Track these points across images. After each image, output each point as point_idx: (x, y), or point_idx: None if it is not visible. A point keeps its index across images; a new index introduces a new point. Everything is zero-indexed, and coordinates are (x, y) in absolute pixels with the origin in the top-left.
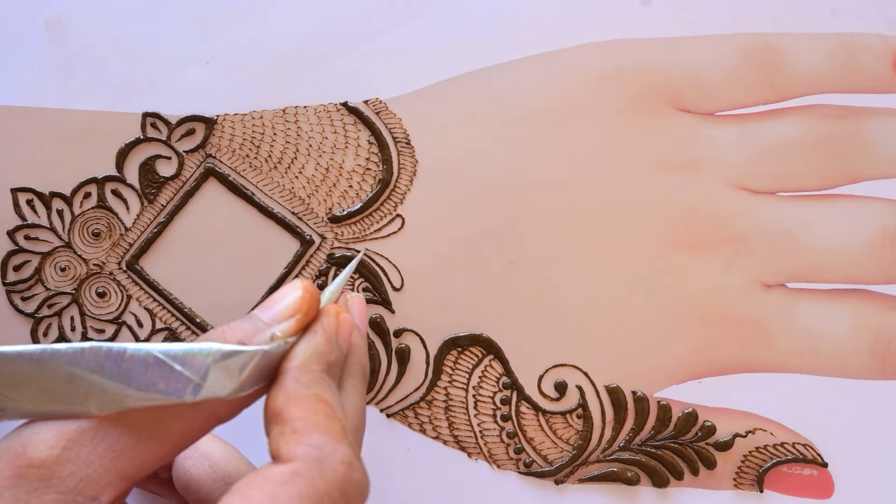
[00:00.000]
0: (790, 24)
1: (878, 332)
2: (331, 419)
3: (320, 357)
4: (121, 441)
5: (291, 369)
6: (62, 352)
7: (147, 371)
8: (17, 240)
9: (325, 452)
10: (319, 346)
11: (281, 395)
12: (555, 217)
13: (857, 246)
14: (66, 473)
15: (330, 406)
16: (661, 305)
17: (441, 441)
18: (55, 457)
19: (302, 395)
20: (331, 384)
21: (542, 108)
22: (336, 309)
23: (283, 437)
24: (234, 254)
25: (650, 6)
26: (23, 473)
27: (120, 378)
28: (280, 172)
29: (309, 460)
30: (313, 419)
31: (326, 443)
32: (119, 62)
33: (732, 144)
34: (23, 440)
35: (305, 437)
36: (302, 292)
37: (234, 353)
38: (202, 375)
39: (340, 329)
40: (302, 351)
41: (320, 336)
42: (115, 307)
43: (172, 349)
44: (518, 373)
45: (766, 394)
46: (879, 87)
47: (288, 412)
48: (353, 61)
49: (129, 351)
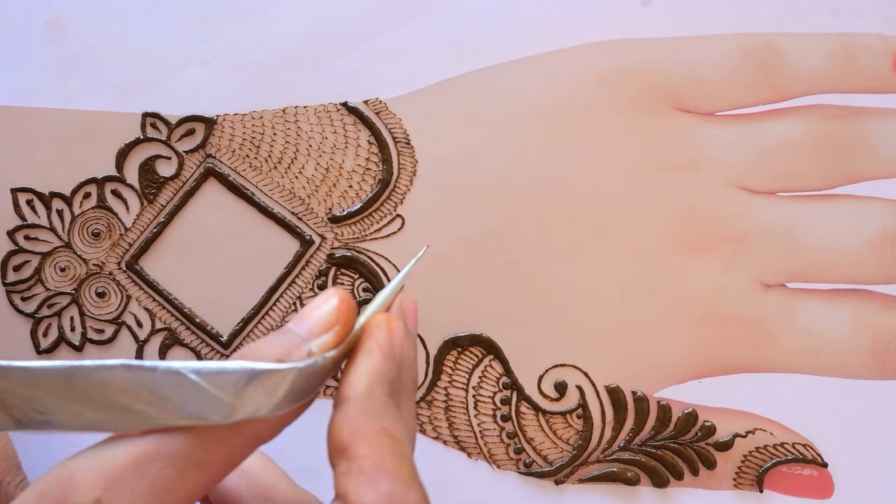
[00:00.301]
0: (790, 24)
1: (878, 332)
2: (399, 458)
3: (383, 379)
4: (164, 474)
5: (356, 398)
6: (90, 368)
7: (180, 390)
8: (17, 240)
9: (394, 500)
10: (379, 367)
11: (346, 426)
12: (555, 217)
13: (857, 246)
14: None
15: (397, 442)
16: (661, 305)
17: (441, 441)
18: (97, 499)
19: (369, 430)
20: (395, 411)
21: (542, 108)
22: (387, 319)
23: (350, 477)
24: (234, 254)
25: (650, 6)
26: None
27: (153, 396)
28: (280, 172)
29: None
30: (382, 459)
31: (397, 489)
32: (119, 62)
33: (732, 144)
34: (62, 482)
35: (374, 483)
36: (338, 302)
37: (269, 371)
38: (235, 395)
39: (394, 342)
40: (363, 374)
41: (377, 354)
42: (114, 307)
43: (204, 367)
44: (518, 373)
45: (766, 394)
46: (879, 87)
47: (355, 448)
48: (353, 61)
49: (160, 369)
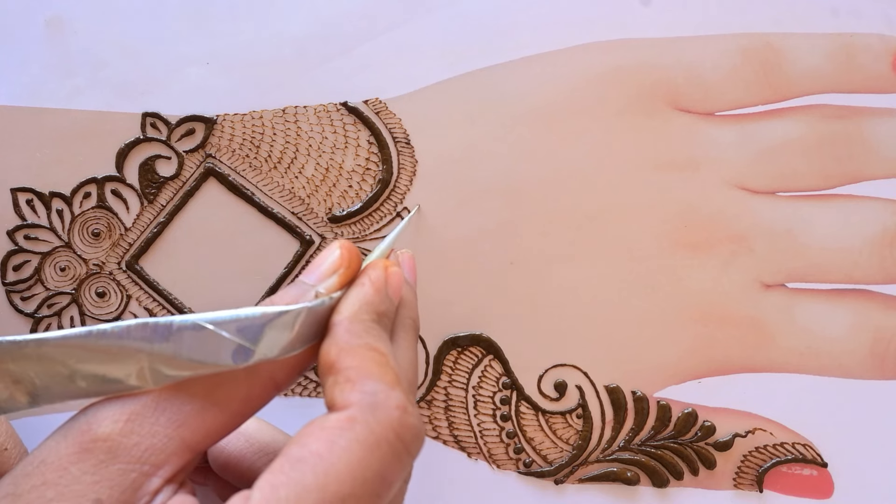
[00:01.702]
0: (790, 24)
1: (878, 332)
2: (383, 367)
3: (370, 307)
4: (183, 410)
5: (342, 321)
6: (108, 331)
7: (196, 340)
8: (17, 240)
9: (379, 398)
10: (368, 297)
11: (333, 346)
12: (555, 217)
13: (857, 246)
14: (130, 444)
15: (382, 354)
16: (660, 305)
17: (441, 441)
18: (119, 430)
19: (354, 345)
20: (382, 334)
21: (542, 108)
22: (384, 262)
23: (337, 387)
24: (234, 254)
25: (650, 6)
26: (88, 448)
27: (170, 349)
28: (280, 172)
29: (363, 406)
30: (366, 367)
31: (380, 389)
32: (119, 62)
33: (732, 144)
34: (87, 418)
35: (359, 385)
36: (340, 250)
37: (280, 313)
38: (251, 339)
39: (390, 281)
40: (351, 302)
41: (368, 287)
42: (114, 307)
43: (219, 317)
44: (518, 373)
45: (766, 394)
46: (879, 87)
47: (341, 362)
48: (353, 61)
49: (175, 323)
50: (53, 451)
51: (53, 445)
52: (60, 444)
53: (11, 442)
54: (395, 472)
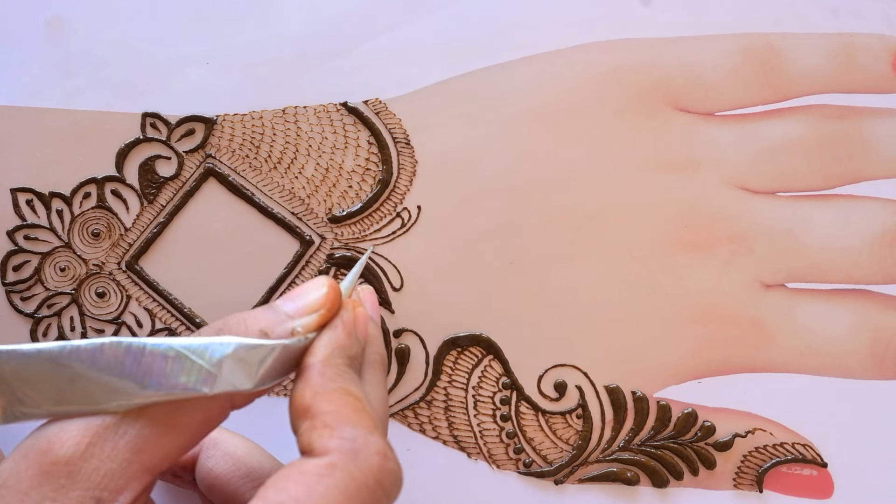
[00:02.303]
0: (790, 24)
1: (878, 332)
2: (360, 412)
3: (342, 351)
4: (142, 433)
5: (315, 364)
6: (82, 348)
7: (167, 365)
8: (17, 240)
9: (359, 444)
10: (341, 341)
11: (308, 390)
12: (555, 217)
13: (857, 246)
14: (90, 469)
15: (357, 399)
16: (660, 305)
17: (441, 441)
18: (80, 453)
19: (329, 389)
20: (354, 377)
21: (542, 108)
22: (352, 303)
23: (314, 432)
24: (234, 254)
25: (650, 6)
26: (49, 471)
27: (139, 374)
28: (280, 173)
29: (343, 452)
30: (343, 412)
31: (359, 434)
32: (119, 62)
33: (732, 144)
34: (48, 437)
35: (338, 431)
36: (327, 290)
37: (254, 346)
38: (221, 369)
39: (358, 322)
40: (324, 345)
41: (340, 330)
42: (114, 307)
43: (192, 343)
44: (518, 373)
45: (766, 394)
46: (879, 87)
47: (317, 406)
48: (353, 61)
49: (148, 346)
50: (14, 473)
51: (13, 467)
52: (20, 465)
53: None
54: None
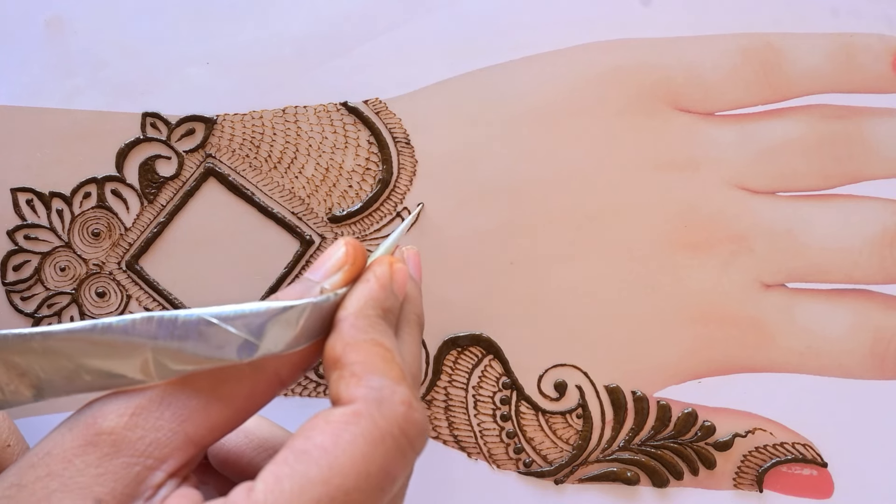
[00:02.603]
0: (790, 24)
1: (878, 332)
2: (389, 362)
3: (375, 302)
4: (188, 405)
5: (347, 316)
6: (114, 325)
7: (201, 335)
8: (17, 240)
9: (384, 393)
10: (374, 293)
11: (339, 341)
12: (555, 217)
13: (857, 246)
14: (135, 438)
15: (388, 350)
16: (660, 305)
17: (441, 441)
18: (124, 423)
19: (360, 340)
20: (387, 329)
21: (542, 108)
22: (389, 259)
23: (342, 381)
24: (234, 254)
25: (650, 6)
26: (93, 441)
27: (174, 344)
28: (280, 172)
29: (369, 401)
30: (372, 362)
31: (385, 384)
32: (119, 62)
33: (732, 144)
34: (93, 412)
35: (365, 380)
36: (346, 247)
37: (285, 308)
38: (256, 334)
39: (395, 277)
40: (356, 298)
41: (374, 283)
42: (114, 307)
43: (224, 311)
44: (518, 373)
45: (766, 394)
46: (879, 87)
47: (346, 357)
48: (353, 61)
49: (180, 317)
50: (59, 443)
51: (59, 438)
52: (66, 437)
53: (14, 438)
54: (398, 468)
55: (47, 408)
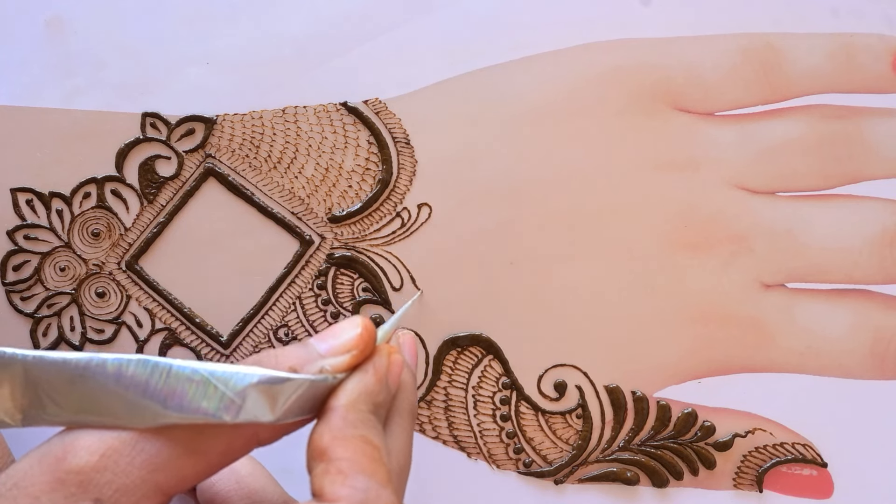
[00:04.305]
0: (790, 24)
1: (878, 332)
2: (376, 463)
3: (369, 397)
4: (161, 454)
5: (339, 407)
6: (108, 363)
7: (190, 389)
8: (17, 240)
9: (370, 496)
10: (369, 386)
11: (327, 432)
12: (555, 217)
13: (857, 246)
14: (103, 482)
15: (376, 449)
16: (660, 305)
17: (441, 441)
18: (93, 464)
19: (348, 435)
20: (377, 426)
21: (542, 108)
22: (389, 349)
23: (327, 476)
24: (234, 254)
25: (650, 6)
26: (61, 479)
27: (162, 394)
28: (280, 172)
29: (353, 503)
30: (359, 461)
31: (371, 486)
32: (119, 62)
33: (732, 144)
34: (64, 445)
35: (350, 479)
36: (361, 331)
37: (281, 380)
38: (244, 398)
39: (391, 369)
40: (351, 389)
41: (371, 376)
42: (114, 307)
43: (218, 370)
44: (518, 373)
45: (766, 394)
46: (879, 87)
47: (333, 451)
48: (353, 61)
49: (174, 368)
50: (27, 476)
51: (27, 469)
52: (35, 469)
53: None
54: None
55: None
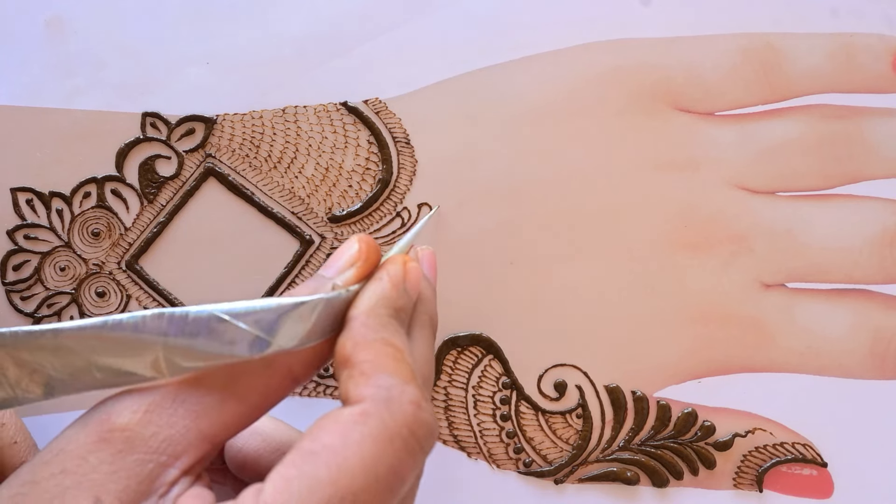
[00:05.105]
0: (790, 24)
1: (878, 332)
2: (399, 361)
3: (387, 301)
4: (201, 401)
5: (359, 315)
6: (124, 322)
7: (211, 331)
8: (17, 239)
9: (393, 393)
10: (386, 292)
11: (349, 340)
12: (555, 217)
13: (857, 246)
14: (148, 435)
15: (398, 349)
16: (660, 305)
17: (441, 441)
18: (137, 420)
19: (370, 339)
20: (398, 329)
21: (542, 108)
22: (403, 258)
23: (351, 380)
24: (234, 254)
25: (650, 6)
26: (107, 438)
27: (185, 340)
28: (280, 172)
29: (377, 400)
30: (381, 361)
31: (395, 384)
32: (119, 62)
33: (732, 144)
34: (107, 408)
35: (374, 379)
36: (359, 244)
37: (296, 304)
38: (267, 330)
39: (408, 276)
40: (368, 297)
41: (386, 282)
42: (114, 307)
43: (235, 307)
44: (518, 373)
45: (766, 394)
46: (879, 87)
47: (356, 356)
48: (353, 61)
49: (191, 314)
50: (72, 440)
51: (72, 435)
52: (80, 434)
53: (21, 436)
54: (407, 468)
55: (54, 406)
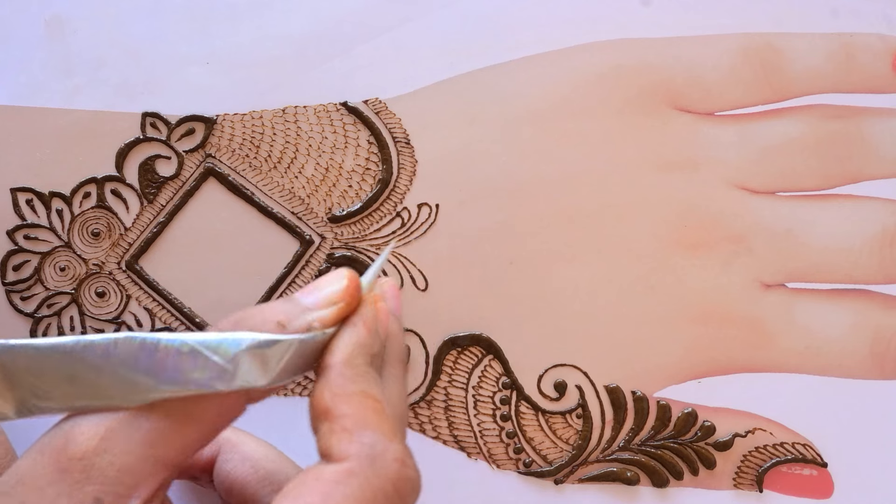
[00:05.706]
0: (790, 24)
1: (878, 332)
2: (380, 415)
3: (363, 349)
4: (157, 427)
5: (336, 364)
6: (95, 343)
7: (181, 361)
8: (17, 240)
9: (377, 450)
10: (362, 338)
11: (327, 391)
12: (555, 217)
13: (857, 246)
14: (105, 464)
15: (378, 402)
16: (660, 305)
17: (441, 441)
18: (93, 447)
19: (349, 392)
20: (376, 378)
21: (542, 108)
22: (374, 298)
23: (333, 436)
24: (234, 254)
25: (650, 6)
26: (65, 468)
27: (153, 370)
28: (280, 172)
29: (362, 458)
30: (363, 416)
31: (378, 440)
32: (119, 62)
33: (732, 144)
34: (64, 433)
35: (357, 435)
36: (347, 282)
37: (270, 342)
38: (237, 365)
39: (379, 319)
40: (345, 344)
41: (361, 328)
42: (114, 307)
43: (207, 339)
44: (518, 373)
45: (766, 394)
46: (879, 87)
47: (336, 409)
48: (353, 61)
49: (162, 342)
50: (31, 469)
51: (31, 463)
52: (38, 462)
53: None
54: None
55: None
